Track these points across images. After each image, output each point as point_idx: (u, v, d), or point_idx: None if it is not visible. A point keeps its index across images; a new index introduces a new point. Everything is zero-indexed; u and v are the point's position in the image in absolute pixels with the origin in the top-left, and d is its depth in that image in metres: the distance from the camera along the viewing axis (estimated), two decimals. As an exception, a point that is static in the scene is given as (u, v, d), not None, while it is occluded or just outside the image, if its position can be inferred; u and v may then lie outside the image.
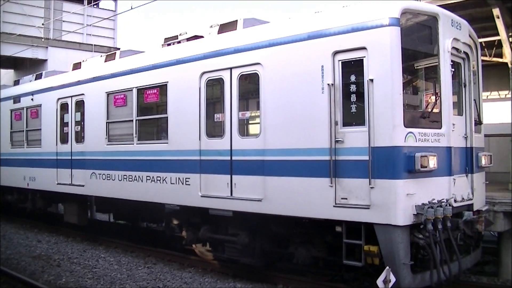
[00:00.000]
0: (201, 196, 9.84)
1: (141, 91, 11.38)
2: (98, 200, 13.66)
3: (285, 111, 8.64)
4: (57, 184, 14.10)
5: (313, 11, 9.05)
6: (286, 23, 9.11)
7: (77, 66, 14.51)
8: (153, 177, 10.89)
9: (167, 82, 10.68)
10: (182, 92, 10.37)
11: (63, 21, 28.69)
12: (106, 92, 12.33)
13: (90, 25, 28.25)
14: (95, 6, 30.82)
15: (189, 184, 10.06)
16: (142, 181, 11.17)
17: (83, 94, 13.24)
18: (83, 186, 13.07)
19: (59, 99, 14.21)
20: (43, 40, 26.18)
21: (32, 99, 15.45)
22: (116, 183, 11.89)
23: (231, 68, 9.45)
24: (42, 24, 26.20)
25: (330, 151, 8.00)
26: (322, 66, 8.14)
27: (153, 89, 11.10)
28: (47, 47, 27.61)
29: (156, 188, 10.79)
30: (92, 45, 29.07)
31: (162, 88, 10.89)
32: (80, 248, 13.68)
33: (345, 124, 8.00)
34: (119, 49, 22.23)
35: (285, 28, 8.94)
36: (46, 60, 27.66)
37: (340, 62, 8.05)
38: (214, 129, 9.95)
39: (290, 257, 9.26)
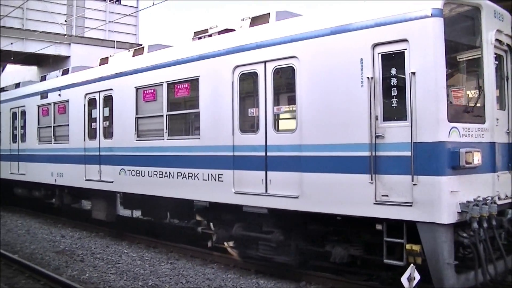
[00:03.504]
0: (235, 192, 9.65)
1: (171, 85, 11.19)
2: (126, 196, 13.53)
3: (322, 105, 8.41)
4: (85, 180, 14.02)
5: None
6: (323, 15, 8.87)
7: (104, 61, 14.40)
8: (184, 173, 10.72)
9: (199, 76, 10.48)
10: (214, 86, 10.18)
11: (86, 18, 28.94)
12: (135, 87, 12.16)
13: (112, 21, 28.39)
14: (117, 2, 30.96)
15: (222, 181, 9.87)
16: (172, 177, 11.00)
17: (111, 89, 13.10)
18: (111, 182, 12.96)
19: (86, 94, 14.10)
20: (66, 37, 26.32)
21: (59, 95, 15.37)
22: (146, 179, 11.74)
23: (265, 62, 9.22)
24: (65, 21, 26.38)
25: (370, 147, 7.76)
26: (361, 59, 7.90)
27: (184, 83, 10.89)
28: (69, 44, 27.86)
29: (188, 184, 10.62)
30: (114, 41, 29.17)
31: (193, 83, 10.69)
32: (103, 243, 13.71)
33: (386, 119, 7.75)
34: (141, 45, 22.19)
35: (321, 20, 8.69)
36: (69, 56, 27.90)
37: (380, 55, 7.79)
38: (247, 124, 9.76)
39: (327, 256, 9.05)
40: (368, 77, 7.81)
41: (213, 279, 9.99)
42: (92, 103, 13.95)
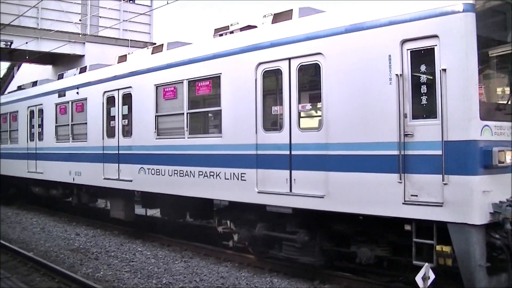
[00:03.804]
0: (258, 192, 9.48)
1: (192, 83, 11.04)
2: (145, 195, 13.41)
3: (349, 103, 8.23)
4: (104, 179, 13.91)
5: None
6: (350, 11, 8.68)
7: (122, 59, 14.28)
8: (205, 172, 10.56)
9: (220, 73, 10.33)
10: (236, 83, 10.02)
11: (100, 16, 29.04)
12: (155, 85, 12.01)
13: (126, 20, 28.41)
14: (131, 1, 31.01)
15: (245, 180, 9.71)
16: (194, 176, 10.84)
17: (130, 87, 12.97)
18: (131, 181, 12.83)
19: (105, 92, 13.97)
20: (80, 36, 26.42)
21: (77, 93, 15.25)
22: (166, 178, 11.59)
23: (289, 59, 9.05)
24: (79, 20, 26.47)
25: (399, 145, 7.56)
26: (390, 56, 7.70)
27: (205, 81, 10.74)
28: (84, 43, 28.01)
29: (209, 183, 10.46)
30: (128, 40, 29.23)
31: (214, 80, 10.54)
32: (118, 241, 13.76)
33: (415, 117, 7.55)
34: (155, 43, 22.17)
35: (348, 16, 8.51)
36: (83, 55, 27.94)
37: (408, 51, 7.58)
38: (271, 123, 9.60)
39: (351, 257, 8.89)
40: (396, 74, 7.61)
41: (227, 278, 9.99)
42: (110, 101, 13.83)
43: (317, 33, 8.71)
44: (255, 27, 10.42)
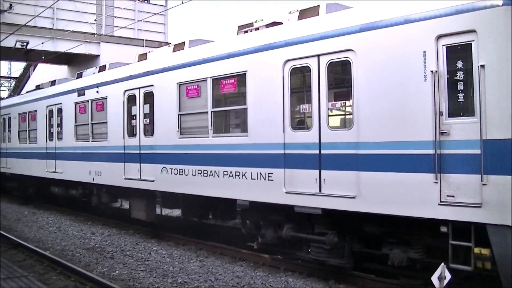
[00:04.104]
0: (286, 192, 9.27)
1: (216, 81, 10.84)
2: (166, 195, 13.22)
3: (381, 100, 7.99)
4: (125, 179, 13.76)
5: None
6: (381, 6, 8.44)
7: (143, 57, 14.15)
8: (230, 172, 10.36)
9: (246, 71, 10.12)
10: (263, 81, 9.80)
11: (115, 17, 29.08)
12: (178, 83, 11.82)
13: (141, 20, 28.40)
14: (146, 1, 31.01)
15: (272, 180, 9.49)
16: (218, 176, 10.64)
17: (152, 85, 12.79)
18: (152, 181, 12.66)
19: (126, 91, 13.81)
20: (95, 36, 26.45)
21: (97, 92, 15.11)
22: (189, 178, 11.40)
23: (318, 55, 8.82)
24: (95, 20, 26.57)
25: (435, 144, 7.32)
26: (424, 52, 7.46)
27: (230, 78, 10.53)
28: (99, 43, 28.14)
29: (234, 183, 10.25)
30: (143, 40, 29.23)
31: (240, 78, 10.33)
32: (133, 240, 13.71)
33: (451, 114, 7.30)
34: (170, 43, 22.11)
35: (380, 11, 8.26)
36: (99, 55, 28.01)
37: (444, 47, 7.34)
38: (299, 121, 9.40)
39: (384, 259, 8.65)
40: (431, 71, 7.38)
41: (242, 277, 9.93)
42: (131, 100, 13.66)
43: (348, 29, 8.48)
44: (281, 23, 10.21)
